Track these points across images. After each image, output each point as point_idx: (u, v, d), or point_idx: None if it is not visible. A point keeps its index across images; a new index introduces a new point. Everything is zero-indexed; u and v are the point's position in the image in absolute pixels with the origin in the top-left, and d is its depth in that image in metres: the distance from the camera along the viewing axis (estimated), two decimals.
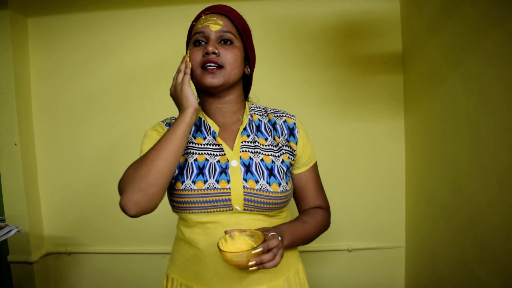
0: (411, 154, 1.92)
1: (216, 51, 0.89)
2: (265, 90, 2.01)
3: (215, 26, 0.91)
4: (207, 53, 0.89)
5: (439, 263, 1.63)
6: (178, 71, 0.92)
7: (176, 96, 0.92)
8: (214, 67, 0.90)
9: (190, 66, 0.91)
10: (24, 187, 2.04)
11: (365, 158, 2.00)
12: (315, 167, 1.05)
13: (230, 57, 0.91)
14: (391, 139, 1.98)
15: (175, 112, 1.16)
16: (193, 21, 0.98)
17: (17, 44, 2.03)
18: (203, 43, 0.92)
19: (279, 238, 0.81)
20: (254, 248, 0.75)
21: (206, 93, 0.98)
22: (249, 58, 1.00)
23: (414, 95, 1.84)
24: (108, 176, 2.13)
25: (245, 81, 1.05)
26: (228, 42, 0.93)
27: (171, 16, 2.02)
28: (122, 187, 0.83)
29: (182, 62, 0.93)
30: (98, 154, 2.13)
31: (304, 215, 1.00)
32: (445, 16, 1.48)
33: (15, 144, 2.02)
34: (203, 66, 0.90)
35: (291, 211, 1.05)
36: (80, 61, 2.10)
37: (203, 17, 0.94)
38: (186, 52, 0.99)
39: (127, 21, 2.06)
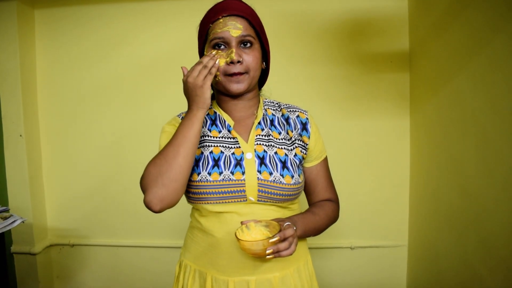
0: (416, 152, 1.92)
1: (240, 59, 0.92)
2: (271, 86, 2.01)
3: (236, 31, 0.92)
4: (231, 62, 0.91)
5: (442, 262, 1.63)
6: (204, 66, 0.89)
7: (192, 90, 0.89)
8: (239, 74, 0.93)
9: (217, 67, 0.91)
10: (29, 178, 2.05)
11: (369, 156, 2.01)
12: (325, 161, 1.08)
13: (252, 61, 0.93)
14: (396, 137, 1.98)
15: (184, 107, 1.16)
16: (209, 22, 0.96)
17: (23, 36, 2.03)
18: (222, 46, 0.94)
19: (294, 228, 0.84)
20: (271, 237, 0.77)
21: (224, 94, 1.00)
22: (266, 53, 1.02)
23: (420, 94, 1.84)
24: (113, 169, 2.14)
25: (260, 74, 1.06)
26: (248, 45, 0.94)
27: (180, 9, 2.02)
28: (145, 184, 0.86)
29: (210, 57, 0.90)
30: (103, 146, 2.14)
31: (314, 207, 1.02)
32: (453, 15, 1.48)
33: (20, 136, 2.03)
34: (228, 74, 0.92)
35: (300, 204, 1.07)
36: (86, 53, 2.10)
37: (221, 20, 0.93)
38: (201, 49, 1.00)
39: (134, 14, 2.07)
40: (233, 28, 0.92)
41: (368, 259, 2.06)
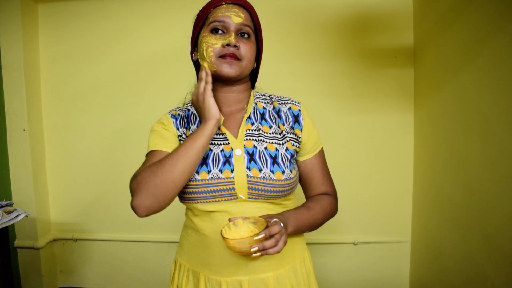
0: (420, 148, 1.91)
1: (238, 45, 0.90)
2: (274, 81, 2.01)
3: (237, 18, 0.91)
4: (227, 45, 0.90)
5: (445, 258, 1.63)
6: (200, 79, 0.90)
7: (198, 106, 0.91)
8: (233, 58, 0.91)
9: (211, 74, 0.91)
10: (32, 172, 2.06)
11: (373, 151, 1.99)
12: (321, 153, 1.03)
13: (248, 51, 0.92)
14: (400, 133, 1.97)
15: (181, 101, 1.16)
16: (211, 7, 0.95)
17: (27, 30, 2.04)
18: (220, 31, 0.92)
19: (282, 224, 0.81)
20: (256, 235, 0.74)
21: (216, 80, 0.98)
22: (258, 52, 1.01)
23: (425, 90, 1.82)
24: (116, 164, 2.14)
25: (251, 74, 1.05)
26: (246, 36, 0.93)
27: (181, 5, 2.01)
28: (135, 188, 0.84)
29: (201, 70, 0.91)
30: (105, 141, 2.14)
31: (310, 202, 0.99)
32: (458, 11, 1.46)
33: (24, 130, 2.03)
34: (222, 56, 0.91)
35: (298, 199, 1.05)
36: (89, 48, 2.10)
37: (224, 6, 0.93)
38: (196, 35, 0.98)
39: (136, 9, 2.06)
40: (235, 15, 0.91)
41: (371, 254, 2.05)
